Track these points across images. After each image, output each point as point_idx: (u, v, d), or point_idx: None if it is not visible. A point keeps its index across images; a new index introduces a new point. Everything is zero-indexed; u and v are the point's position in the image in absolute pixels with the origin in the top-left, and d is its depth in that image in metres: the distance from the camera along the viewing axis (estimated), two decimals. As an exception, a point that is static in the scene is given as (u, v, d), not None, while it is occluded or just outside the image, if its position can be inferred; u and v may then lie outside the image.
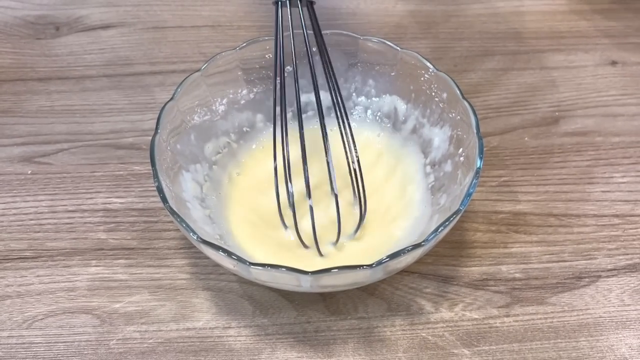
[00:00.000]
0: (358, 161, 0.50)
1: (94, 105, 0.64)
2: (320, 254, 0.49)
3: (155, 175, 0.45)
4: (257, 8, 0.74)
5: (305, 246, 0.50)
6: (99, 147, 0.60)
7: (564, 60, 0.68)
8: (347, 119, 0.50)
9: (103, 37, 0.71)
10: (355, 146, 0.50)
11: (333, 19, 0.73)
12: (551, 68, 0.67)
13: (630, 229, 0.54)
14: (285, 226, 0.51)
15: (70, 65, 0.68)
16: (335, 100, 0.50)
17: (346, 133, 0.50)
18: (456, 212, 0.43)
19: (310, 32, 0.50)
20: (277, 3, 0.49)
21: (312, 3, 0.50)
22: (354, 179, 0.51)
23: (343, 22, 0.72)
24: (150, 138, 0.60)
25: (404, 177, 0.54)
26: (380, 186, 0.54)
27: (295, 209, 0.50)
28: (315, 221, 0.48)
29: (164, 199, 0.44)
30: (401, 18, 0.73)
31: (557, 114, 0.63)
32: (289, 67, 0.51)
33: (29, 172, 0.58)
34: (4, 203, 0.56)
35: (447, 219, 0.43)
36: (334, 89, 0.50)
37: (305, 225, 0.50)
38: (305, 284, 0.42)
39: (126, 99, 0.64)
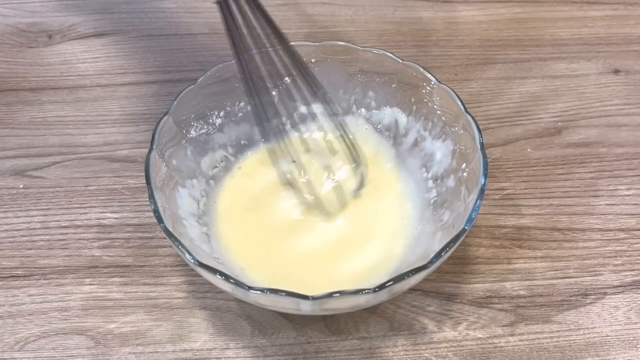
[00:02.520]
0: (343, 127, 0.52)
1: (88, 116, 0.62)
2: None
3: (151, 196, 0.43)
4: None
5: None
6: (92, 160, 0.59)
7: (566, 68, 0.67)
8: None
9: (97, 46, 0.69)
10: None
11: (332, 26, 0.72)
12: (553, 76, 0.66)
13: (636, 243, 0.53)
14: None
15: (63, 74, 0.66)
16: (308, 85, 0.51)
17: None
18: (460, 233, 0.42)
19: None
20: (218, 3, 0.46)
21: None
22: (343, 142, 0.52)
23: (342, 30, 0.71)
24: (145, 150, 0.59)
25: (404, 192, 0.53)
26: (378, 202, 0.52)
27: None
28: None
29: (160, 219, 0.42)
30: (400, 25, 0.72)
31: (559, 124, 0.62)
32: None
33: (21, 186, 0.57)
34: (-5, 219, 0.55)
35: (451, 241, 0.42)
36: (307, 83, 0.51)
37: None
38: (306, 308, 0.41)
39: (120, 110, 0.63)
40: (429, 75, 0.51)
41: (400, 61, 0.52)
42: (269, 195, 0.52)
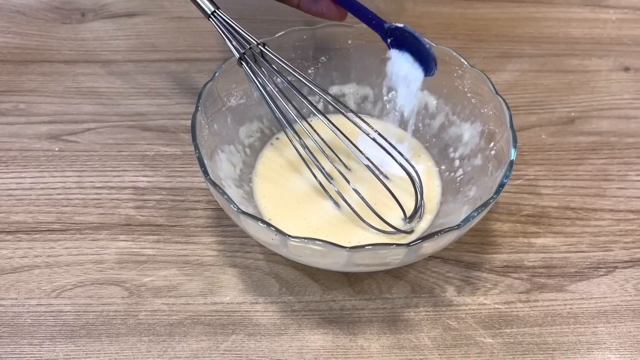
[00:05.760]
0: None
1: (120, 88, 0.65)
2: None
3: (197, 148, 0.45)
4: (280, 3, 0.76)
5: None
6: (125, 128, 0.61)
7: (578, 64, 0.70)
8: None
9: (128, 24, 0.72)
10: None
11: (353, 16, 0.74)
12: (566, 71, 0.69)
13: (645, 224, 0.56)
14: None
15: (96, 49, 0.69)
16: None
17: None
18: (490, 199, 0.45)
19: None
20: (240, 62, 0.51)
21: (264, 45, 0.52)
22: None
23: (364, 20, 0.74)
24: (178, 121, 0.62)
25: (429, 173, 0.55)
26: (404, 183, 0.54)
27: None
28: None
29: (205, 172, 0.45)
30: (420, 19, 0.75)
31: (572, 114, 0.65)
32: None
33: (57, 149, 0.59)
34: (32, 177, 0.57)
35: (482, 206, 0.44)
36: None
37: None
38: (342, 260, 0.43)
39: (152, 84, 0.65)
40: (461, 59, 0.54)
41: (434, 45, 0.55)
42: (302, 166, 0.54)
